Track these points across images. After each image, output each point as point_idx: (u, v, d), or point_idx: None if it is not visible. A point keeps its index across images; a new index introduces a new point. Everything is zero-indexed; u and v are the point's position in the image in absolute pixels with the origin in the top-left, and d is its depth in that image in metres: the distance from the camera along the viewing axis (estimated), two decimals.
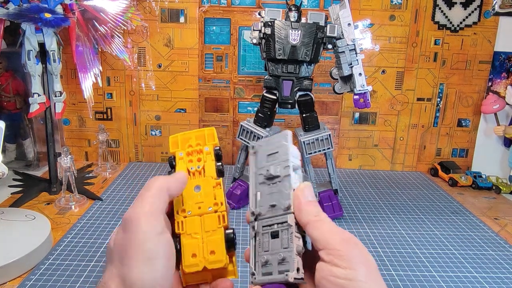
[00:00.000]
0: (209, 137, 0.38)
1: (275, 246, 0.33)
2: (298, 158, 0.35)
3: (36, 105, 0.82)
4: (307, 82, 0.78)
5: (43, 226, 0.69)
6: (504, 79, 1.04)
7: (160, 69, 1.04)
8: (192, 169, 0.36)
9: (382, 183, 1.02)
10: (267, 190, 0.35)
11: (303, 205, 0.32)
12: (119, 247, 0.30)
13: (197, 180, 0.36)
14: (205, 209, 0.34)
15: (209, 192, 0.35)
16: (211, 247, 0.33)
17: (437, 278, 0.63)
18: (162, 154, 1.11)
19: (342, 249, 0.29)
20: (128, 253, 0.29)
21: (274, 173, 0.34)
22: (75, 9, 0.83)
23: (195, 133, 0.38)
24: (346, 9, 0.75)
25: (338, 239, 0.30)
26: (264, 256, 0.33)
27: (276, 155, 0.35)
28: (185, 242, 0.33)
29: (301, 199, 0.32)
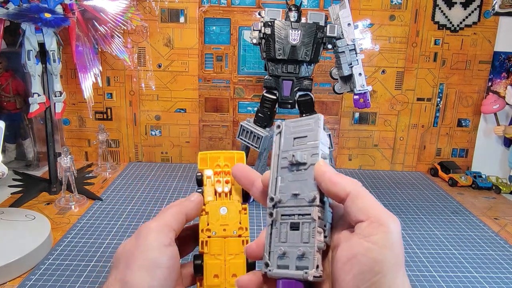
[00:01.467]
0: (239, 161, 0.38)
1: (294, 239, 0.31)
2: (327, 146, 0.33)
3: (36, 105, 0.82)
4: (307, 82, 0.78)
5: (43, 226, 0.69)
6: (504, 79, 1.04)
7: (160, 69, 1.04)
8: (219, 190, 0.36)
9: (382, 183, 1.02)
10: (290, 177, 0.32)
11: (335, 177, 0.29)
12: (127, 253, 0.31)
13: (223, 202, 0.36)
14: (230, 232, 0.35)
15: (235, 216, 0.36)
16: (233, 270, 0.34)
17: (437, 278, 0.63)
18: (162, 154, 1.11)
19: (387, 225, 0.27)
20: (133, 258, 0.30)
21: (300, 160, 0.32)
22: (75, 9, 0.83)
23: (224, 154, 0.38)
24: (346, 9, 0.75)
25: (383, 215, 0.28)
26: (281, 248, 0.31)
27: (304, 139, 0.33)
28: (208, 262, 0.34)
29: (328, 176, 0.30)
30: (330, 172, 0.30)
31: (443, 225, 0.81)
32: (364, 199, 0.28)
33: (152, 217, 0.38)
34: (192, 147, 1.10)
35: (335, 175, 0.30)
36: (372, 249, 0.27)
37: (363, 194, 0.29)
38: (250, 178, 0.35)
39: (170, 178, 1.00)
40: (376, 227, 0.27)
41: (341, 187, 0.29)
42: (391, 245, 0.27)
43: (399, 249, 0.27)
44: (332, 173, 0.30)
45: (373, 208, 0.28)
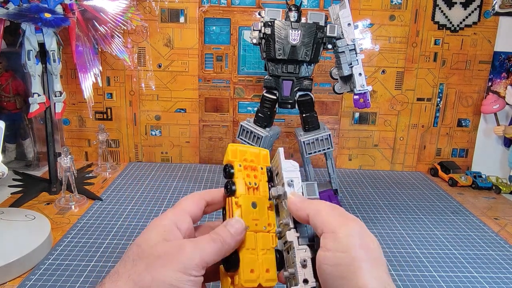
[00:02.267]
0: (264, 158, 0.38)
1: (289, 262, 0.34)
2: (293, 169, 0.36)
3: (36, 105, 0.82)
4: (307, 82, 0.78)
5: (43, 226, 0.69)
6: (504, 79, 1.04)
7: (160, 69, 1.04)
8: (250, 184, 0.36)
9: (382, 183, 1.02)
10: (280, 209, 0.37)
11: (297, 203, 0.34)
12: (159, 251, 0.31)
13: (253, 197, 0.36)
14: (261, 227, 0.35)
15: (264, 211, 0.36)
16: (266, 265, 0.34)
17: (437, 278, 0.63)
18: (162, 154, 1.11)
19: (338, 232, 0.30)
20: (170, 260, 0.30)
21: (275, 194, 0.36)
22: (75, 9, 0.83)
23: (250, 149, 0.38)
24: (346, 9, 0.75)
25: (335, 223, 0.31)
26: (288, 271, 0.34)
27: (278, 175, 0.37)
28: (245, 256, 0.34)
29: (293, 204, 0.34)
30: (294, 200, 0.34)
31: (443, 225, 0.81)
32: (321, 216, 0.32)
33: (153, 217, 0.37)
34: (192, 147, 1.10)
35: (299, 201, 0.34)
36: (327, 256, 0.30)
37: (321, 211, 0.32)
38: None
39: (170, 178, 1.00)
40: (329, 236, 0.31)
41: (302, 211, 0.33)
42: (344, 248, 0.30)
43: (356, 250, 0.29)
44: (296, 200, 0.34)
45: (327, 221, 0.32)
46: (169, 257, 0.30)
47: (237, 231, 0.33)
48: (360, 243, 0.30)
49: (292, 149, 1.11)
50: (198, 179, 1.00)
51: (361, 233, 0.31)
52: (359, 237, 0.30)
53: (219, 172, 1.05)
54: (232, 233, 0.33)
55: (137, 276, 0.30)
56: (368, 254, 0.29)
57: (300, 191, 0.35)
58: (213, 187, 0.95)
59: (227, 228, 0.33)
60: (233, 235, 0.33)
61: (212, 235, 0.33)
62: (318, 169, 1.09)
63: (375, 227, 0.79)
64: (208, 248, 0.32)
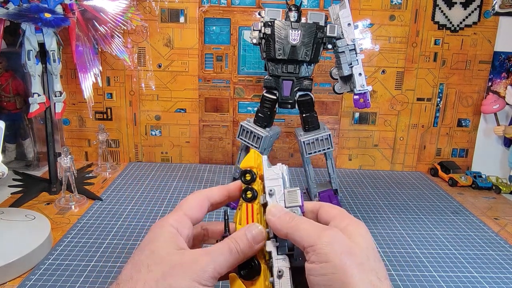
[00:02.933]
0: (260, 166, 0.38)
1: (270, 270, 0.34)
2: (275, 177, 0.36)
3: (36, 105, 0.82)
4: (307, 82, 0.78)
5: (43, 226, 0.69)
6: (504, 79, 1.04)
7: (160, 69, 1.04)
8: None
9: (382, 183, 1.02)
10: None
11: (275, 223, 0.33)
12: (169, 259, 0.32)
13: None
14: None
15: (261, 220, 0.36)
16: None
17: (437, 278, 0.63)
18: (162, 154, 1.11)
19: (317, 244, 0.31)
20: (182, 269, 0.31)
21: (262, 202, 0.36)
22: (75, 9, 0.83)
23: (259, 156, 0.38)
24: (346, 9, 0.75)
25: (314, 236, 0.31)
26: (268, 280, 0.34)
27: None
28: (262, 264, 0.34)
29: (271, 220, 0.34)
30: (272, 220, 0.34)
31: (443, 225, 0.81)
32: (299, 231, 0.32)
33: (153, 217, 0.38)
34: (192, 147, 1.10)
35: (277, 221, 0.33)
36: (313, 268, 0.30)
37: (298, 227, 0.32)
38: None
39: (170, 178, 1.00)
40: (310, 250, 0.31)
41: (280, 231, 0.33)
42: (326, 258, 0.30)
43: (338, 257, 0.30)
44: (273, 221, 0.34)
45: (306, 235, 0.32)
46: (185, 266, 0.31)
47: (257, 240, 0.34)
48: (342, 250, 0.30)
49: (292, 149, 1.11)
50: (198, 179, 1.00)
51: (341, 240, 0.31)
52: (339, 244, 0.30)
53: (219, 172, 1.05)
54: (252, 243, 0.34)
55: (154, 283, 0.30)
56: (352, 260, 0.30)
57: (282, 200, 0.35)
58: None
59: (246, 237, 0.34)
60: (253, 246, 0.34)
61: (230, 244, 0.33)
62: (318, 169, 1.09)
63: (375, 227, 0.79)
64: (223, 260, 0.32)
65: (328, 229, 0.32)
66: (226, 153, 1.11)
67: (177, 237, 0.33)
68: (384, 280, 0.30)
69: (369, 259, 0.31)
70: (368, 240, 0.32)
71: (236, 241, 0.33)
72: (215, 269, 0.32)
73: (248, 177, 0.36)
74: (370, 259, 0.31)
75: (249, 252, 0.33)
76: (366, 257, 0.31)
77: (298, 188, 0.35)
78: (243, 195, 0.36)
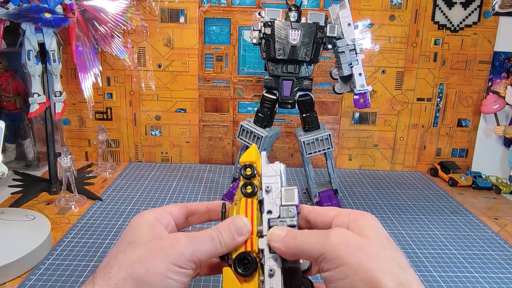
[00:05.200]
0: (259, 162, 0.37)
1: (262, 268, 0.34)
2: (273, 175, 0.35)
3: (36, 105, 0.82)
4: (307, 82, 0.78)
5: (43, 226, 0.69)
6: (504, 79, 1.04)
7: (160, 69, 1.04)
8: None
9: (382, 183, 1.02)
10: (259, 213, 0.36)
11: (280, 249, 0.32)
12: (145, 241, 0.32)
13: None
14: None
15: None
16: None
17: (437, 278, 0.63)
18: (162, 154, 1.11)
19: (326, 250, 0.29)
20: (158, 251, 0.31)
21: (260, 198, 0.35)
22: (75, 9, 0.83)
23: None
24: (346, 9, 0.75)
25: (319, 245, 0.30)
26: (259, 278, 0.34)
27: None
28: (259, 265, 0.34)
29: (276, 247, 0.32)
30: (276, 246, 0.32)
31: (443, 225, 0.81)
32: (304, 250, 0.31)
33: None
34: (192, 147, 1.10)
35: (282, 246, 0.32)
36: (329, 275, 0.29)
37: (302, 246, 0.31)
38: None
39: (170, 178, 1.00)
40: (320, 260, 0.29)
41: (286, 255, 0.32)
42: (338, 262, 0.28)
43: (352, 258, 0.28)
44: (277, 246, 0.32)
45: (312, 249, 0.30)
46: (162, 250, 0.31)
47: (240, 233, 0.33)
48: (353, 248, 0.28)
49: (292, 149, 1.11)
50: (198, 179, 1.00)
51: (350, 238, 0.29)
52: (348, 243, 0.29)
53: (219, 172, 1.05)
54: (234, 235, 0.33)
55: (129, 267, 0.30)
56: (367, 255, 0.28)
57: (279, 197, 0.34)
58: (213, 187, 0.95)
59: (230, 228, 0.33)
60: (235, 238, 0.33)
61: (212, 233, 0.33)
62: (318, 169, 1.09)
63: None
64: (203, 246, 0.32)
65: (330, 231, 0.30)
66: (226, 153, 1.11)
67: (156, 224, 0.33)
68: (407, 269, 0.28)
69: (385, 249, 0.29)
70: (379, 230, 0.31)
71: (219, 230, 0.33)
72: (193, 253, 0.31)
73: (249, 171, 0.36)
74: (386, 248, 0.29)
75: (231, 244, 0.33)
76: (381, 248, 0.29)
77: (295, 187, 0.35)
78: (243, 190, 0.35)
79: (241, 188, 0.35)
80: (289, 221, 0.34)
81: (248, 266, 0.33)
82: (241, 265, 0.33)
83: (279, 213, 0.34)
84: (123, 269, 0.30)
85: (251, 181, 0.35)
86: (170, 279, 0.30)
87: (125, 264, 0.30)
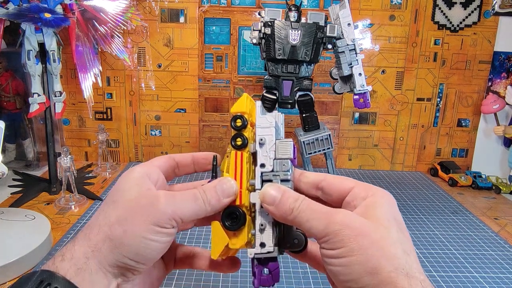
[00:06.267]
0: (252, 112, 0.35)
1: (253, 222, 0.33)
2: (268, 126, 0.34)
3: (36, 105, 0.82)
4: (307, 82, 0.78)
5: (43, 226, 0.69)
6: (504, 79, 1.04)
7: (160, 69, 1.04)
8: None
9: (382, 183, 1.02)
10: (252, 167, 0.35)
11: (274, 213, 0.31)
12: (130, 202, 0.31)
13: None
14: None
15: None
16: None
17: (437, 278, 0.63)
18: (162, 154, 1.11)
19: (328, 235, 0.28)
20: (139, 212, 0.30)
21: (252, 151, 0.34)
22: (75, 9, 0.83)
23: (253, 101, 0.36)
24: (346, 9, 0.75)
25: (321, 227, 0.29)
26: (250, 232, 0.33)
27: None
28: (248, 219, 0.33)
29: (269, 210, 0.31)
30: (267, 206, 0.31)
31: (443, 225, 0.81)
32: (304, 223, 0.29)
33: None
34: (192, 147, 1.10)
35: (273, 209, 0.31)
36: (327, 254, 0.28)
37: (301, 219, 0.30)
38: None
39: None
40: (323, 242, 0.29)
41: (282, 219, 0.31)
42: (341, 244, 0.27)
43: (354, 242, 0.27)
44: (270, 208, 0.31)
45: (313, 228, 0.29)
46: (142, 209, 0.30)
47: (226, 194, 0.32)
48: (356, 233, 0.27)
49: None
50: (198, 179, 1.00)
51: (354, 221, 0.28)
52: (352, 227, 0.28)
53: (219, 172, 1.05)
54: (220, 196, 0.32)
55: (108, 228, 0.29)
56: (370, 238, 0.27)
57: (272, 150, 0.33)
58: None
59: (216, 189, 0.32)
60: (220, 199, 0.32)
61: (196, 193, 0.32)
62: (318, 169, 1.09)
63: None
64: (185, 206, 0.31)
65: (333, 213, 0.29)
66: None
67: (145, 180, 0.32)
68: (410, 253, 0.28)
69: (390, 232, 0.28)
70: (388, 210, 0.30)
71: (204, 191, 0.32)
72: (174, 212, 0.30)
73: (239, 122, 0.34)
74: (391, 231, 0.28)
75: (216, 204, 0.32)
76: (386, 232, 0.28)
77: (290, 139, 0.33)
78: (232, 142, 0.34)
79: (231, 140, 0.34)
80: (282, 175, 0.32)
81: (236, 221, 0.32)
82: (229, 219, 0.32)
83: (272, 167, 0.33)
84: (102, 230, 0.29)
85: (241, 133, 0.34)
86: (149, 240, 0.29)
87: (104, 225, 0.30)
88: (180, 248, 0.38)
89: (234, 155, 0.34)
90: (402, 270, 0.27)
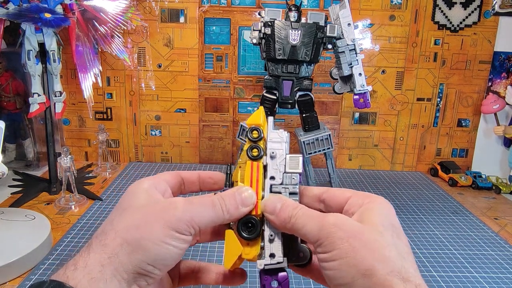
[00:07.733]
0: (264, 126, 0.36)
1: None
2: (279, 141, 0.35)
3: (36, 105, 0.82)
4: (307, 82, 0.78)
5: (43, 226, 0.69)
6: (504, 79, 1.04)
7: (160, 69, 1.04)
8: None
9: (382, 183, 1.02)
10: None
11: (274, 222, 0.32)
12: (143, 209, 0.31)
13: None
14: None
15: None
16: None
17: (437, 278, 0.63)
18: (162, 154, 1.11)
19: (320, 238, 0.29)
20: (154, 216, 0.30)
21: (264, 163, 0.35)
22: (75, 9, 0.83)
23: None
24: (346, 9, 0.75)
25: (315, 230, 0.29)
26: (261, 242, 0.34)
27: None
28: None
29: (269, 219, 0.32)
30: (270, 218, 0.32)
31: (443, 225, 0.81)
32: (300, 229, 0.30)
33: None
34: (192, 147, 1.10)
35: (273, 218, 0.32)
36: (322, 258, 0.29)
37: (298, 226, 0.30)
38: None
39: None
40: (317, 246, 0.29)
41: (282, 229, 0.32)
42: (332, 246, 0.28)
43: (346, 244, 0.27)
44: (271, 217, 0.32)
45: (307, 233, 0.30)
46: (159, 214, 0.30)
47: (245, 203, 0.32)
48: (348, 235, 0.28)
49: (292, 149, 1.11)
50: None
51: (346, 224, 0.29)
52: (344, 229, 0.28)
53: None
54: (239, 204, 0.32)
55: (125, 232, 0.29)
56: (362, 241, 0.27)
57: (283, 164, 0.34)
58: None
59: (235, 197, 0.32)
60: (239, 207, 0.32)
61: (214, 199, 0.31)
62: (318, 169, 1.09)
63: None
64: (203, 213, 0.30)
65: (326, 216, 0.29)
66: (226, 153, 1.11)
67: (153, 190, 0.32)
68: (407, 257, 0.28)
69: (383, 236, 0.28)
70: (385, 216, 0.30)
71: (222, 198, 0.31)
72: (192, 218, 0.30)
73: (256, 134, 0.35)
74: (385, 235, 0.28)
75: (235, 213, 0.31)
76: (379, 235, 0.28)
77: (300, 155, 0.34)
78: (249, 153, 0.34)
79: (247, 150, 0.34)
80: (291, 188, 0.34)
81: (252, 230, 0.32)
82: (245, 228, 0.32)
83: (282, 180, 0.34)
84: (118, 235, 0.29)
85: (257, 144, 0.34)
86: (168, 245, 0.29)
87: (121, 230, 0.29)
88: (184, 263, 0.37)
89: (250, 165, 0.34)
90: (397, 273, 0.26)
